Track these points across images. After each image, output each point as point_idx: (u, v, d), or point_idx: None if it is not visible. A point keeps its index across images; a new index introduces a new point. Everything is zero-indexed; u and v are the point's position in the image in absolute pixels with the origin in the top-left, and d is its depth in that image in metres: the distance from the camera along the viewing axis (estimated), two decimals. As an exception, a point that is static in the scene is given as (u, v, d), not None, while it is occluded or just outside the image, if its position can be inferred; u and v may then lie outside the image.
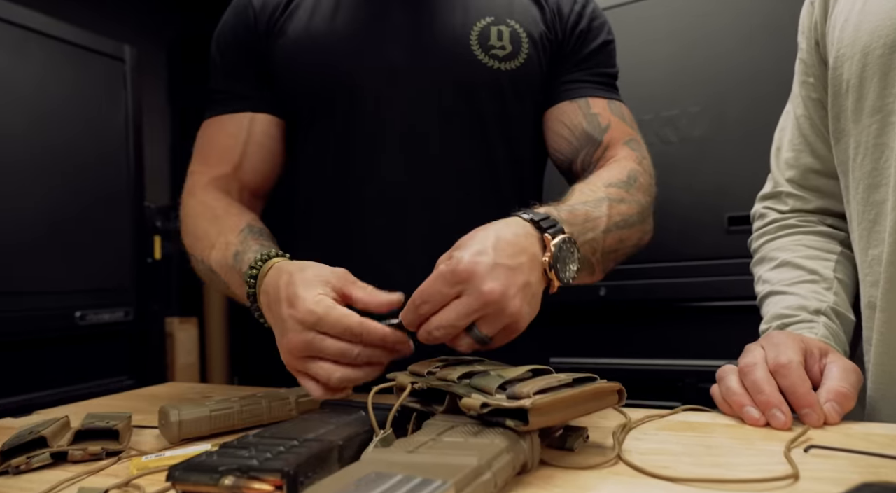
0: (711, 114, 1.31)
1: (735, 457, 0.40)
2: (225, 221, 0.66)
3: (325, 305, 0.48)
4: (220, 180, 0.73)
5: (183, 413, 0.50)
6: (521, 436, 0.39)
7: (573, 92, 0.74)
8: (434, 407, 0.45)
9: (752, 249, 0.72)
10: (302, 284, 0.50)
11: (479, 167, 0.72)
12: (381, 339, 0.49)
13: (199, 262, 0.67)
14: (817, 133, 0.64)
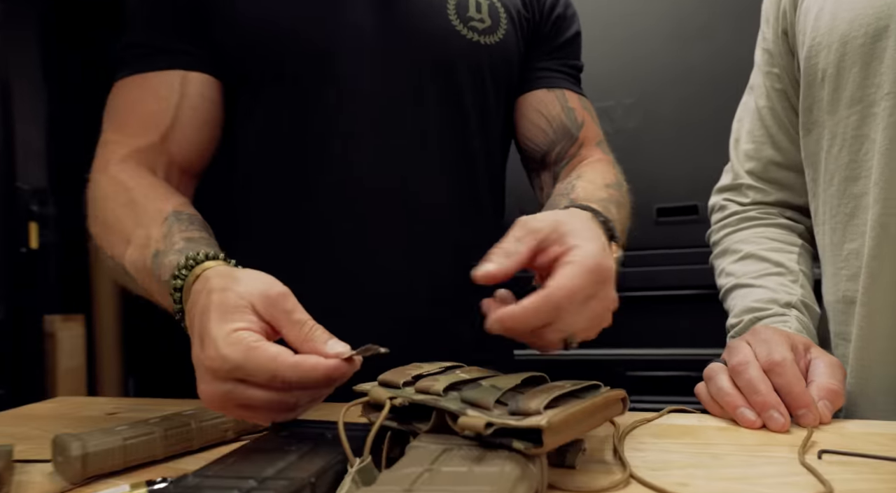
0: (645, 107, 1.33)
1: (747, 468, 0.37)
2: (145, 207, 0.52)
3: (242, 347, 0.36)
4: (143, 153, 0.59)
5: (88, 444, 0.40)
6: (529, 459, 0.33)
7: (551, 81, 0.71)
8: (416, 426, 0.38)
9: (711, 241, 0.71)
10: (217, 314, 0.38)
11: (455, 150, 0.66)
12: (325, 378, 0.37)
13: (110, 259, 0.53)
14: (780, 125, 0.64)
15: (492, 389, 0.37)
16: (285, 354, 0.36)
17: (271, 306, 0.38)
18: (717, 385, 0.47)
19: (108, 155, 0.59)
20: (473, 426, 0.33)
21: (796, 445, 0.40)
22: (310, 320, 0.38)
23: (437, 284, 0.65)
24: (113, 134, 0.60)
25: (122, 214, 0.53)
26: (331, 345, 0.37)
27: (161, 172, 0.60)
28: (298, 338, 0.38)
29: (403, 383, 0.40)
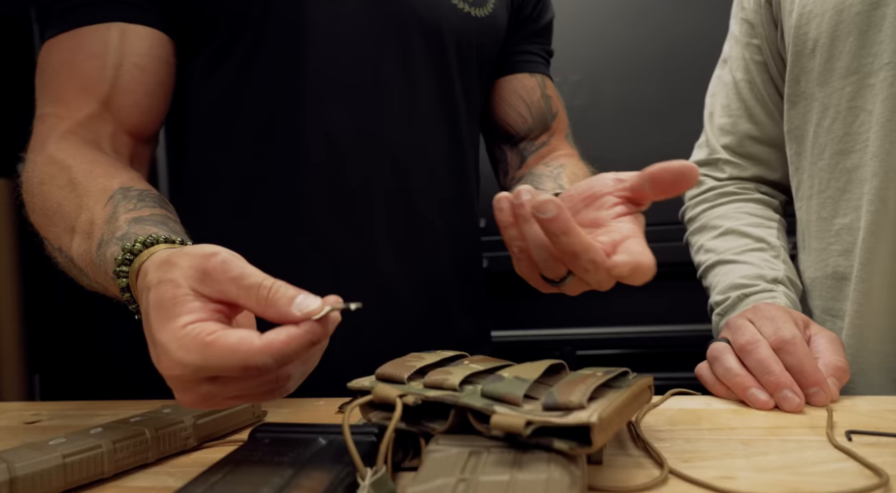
0: (592, 84, 1.31)
1: (783, 455, 0.35)
2: (87, 188, 0.44)
3: (197, 346, 0.29)
4: (84, 126, 0.50)
5: (16, 466, 0.32)
6: (571, 461, 0.29)
7: (532, 65, 0.69)
8: (428, 426, 0.33)
9: (686, 217, 0.69)
10: (157, 314, 0.31)
11: (442, 120, 0.61)
12: (304, 348, 0.30)
13: (56, 251, 0.45)
14: (758, 98, 0.63)
15: (517, 381, 0.32)
16: (248, 339, 0.29)
17: (214, 282, 0.31)
18: (725, 366, 0.45)
19: (46, 132, 0.50)
20: (511, 425, 0.29)
21: (815, 426, 0.39)
22: (266, 280, 0.31)
23: (426, 261, 0.62)
24: (49, 106, 0.51)
25: (62, 198, 0.44)
26: (298, 304, 0.30)
27: (107, 144, 0.51)
28: (259, 306, 0.30)
29: (408, 378, 0.35)
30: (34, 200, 0.47)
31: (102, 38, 0.51)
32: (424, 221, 0.60)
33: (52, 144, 0.49)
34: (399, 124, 0.58)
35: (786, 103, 0.58)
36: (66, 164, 0.46)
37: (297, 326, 0.30)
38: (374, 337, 0.58)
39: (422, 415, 0.33)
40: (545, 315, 1.31)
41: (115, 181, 0.44)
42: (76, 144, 0.49)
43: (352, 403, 0.33)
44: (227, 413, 0.43)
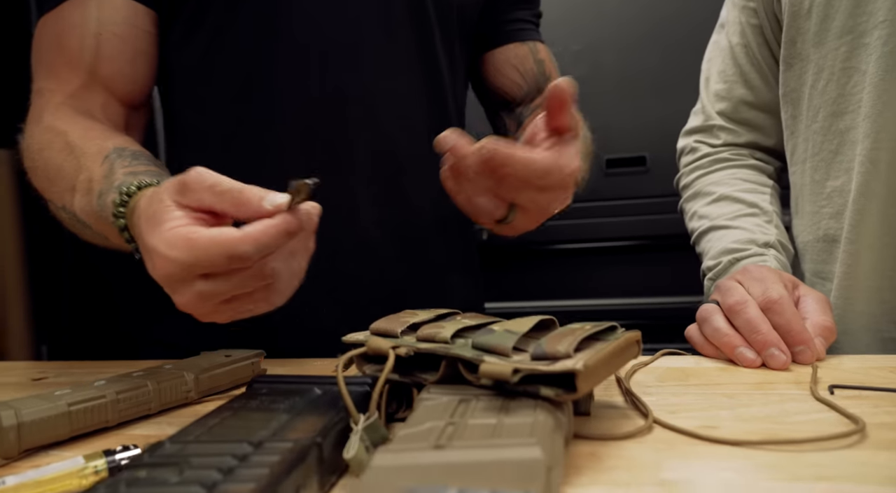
0: (592, 54, 1.30)
1: (767, 406, 0.36)
2: (83, 150, 0.46)
3: (181, 242, 0.32)
4: (77, 96, 0.53)
5: (23, 412, 0.33)
6: (557, 407, 0.30)
7: (523, 33, 0.69)
8: (420, 377, 0.34)
9: (681, 184, 0.70)
10: (148, 227, 0.34)
11: (425, 85, 0.62)
12: (283, 235, 0.32)
13: (60, 210, 0.48)
14: (753, 62, 0.62)
15: (507, 334, 0.33)
16: (228, 231, 0.32)
17: (192, 191, 0.33)
18: (713, 326, 0.45)
19: (42, 104, 0.53)
20: (498, 373, 0.30)
21: (800, 382, 0.40)
22: (236, 184, 0.33)
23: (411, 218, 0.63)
24: (43, 80, 0.54)
25: (61, 161, 0.47)
26: (269, 200, 0.33)
27: (100, 113, 0.53)
28: (233, 207, 0.33)
29: (401, 332, 0.36)
30: (36, 166, 0.50)
31: (82, 12, 0.53)
32: (406, 180, 0.61)
33: (49, 114, 0.51)
34: (379, 84, 0.58)
35: (781, 66, 0.57)
36: (63, 130, 0.49)
37: (272, 217, 0.32)
38: (361, 294, 0.59)
39: (414, 367, 0.35)
40: (540, 287, 1.32)
41: (109, 143, 0.46)
42: (71, 113, 0.51)
43: (348, 354, 0.34)
44: (228, 369, 0.44)
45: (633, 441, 0.32)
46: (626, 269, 1.28)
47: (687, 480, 0.27)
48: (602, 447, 0.31)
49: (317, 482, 0.26)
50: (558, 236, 1.30)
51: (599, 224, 1.28)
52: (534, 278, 1.33)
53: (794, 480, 0.26)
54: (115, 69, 0.54)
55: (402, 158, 0.60)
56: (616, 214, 1.28)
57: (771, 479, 0.26)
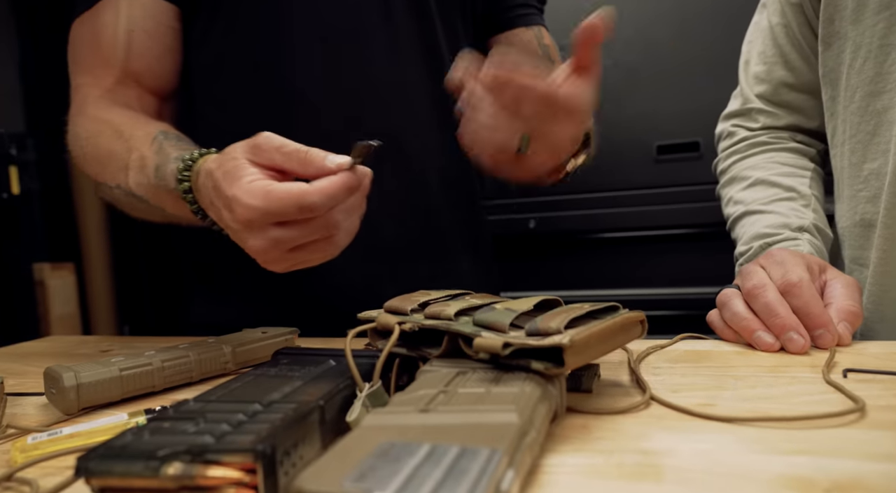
0: (644, 39, 1.27)
1: (771, 388, 0.36)
2: (132, 133, 0.51)
3: (260, 193, 0.37)
4: (114, 91, 0.58)
5: (82, 375, 0.38)
6: (548, 381, 0.31)
7: (528, 18, 0.71)
8: (426, 351, 0.36)
9: (718, 170, 0.68)
10: (227, 181, 0.39)
11: (426, 71, 0.64)
12: (345, 188, 0.38)
13: (112, 189, 0.53)
14: (793, 43, 0.60)
15: (506, 311, 0.35)
16: (300, 184, 0.37)
17: (263, 151, 0.39)
18: (732, 310, 0.45)
19: (82, 99, 0.58)
20: (490, 346, 0.31)
21: (818, 366, 0.39)
22: (302, 146, 0.39)
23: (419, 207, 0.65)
24: (81, 77, 0.59)
25: (112, 145, 0.52)
26: (330, 160, 0.38)
27: (136, 105, 0.59)
28: (300, 166, 0.38)
29: (411, 310, 0.38)
30: (86, 153, 0.55)
31: (111, 11, 0.58)
32: (412, 159, 0.63)
33: (91, 106, 0.57)
34: (381, 67, 0.61)
35: (820, 46, 0.55)
36: (108, 119, 0.54)
37: (336, 175, 0.37)
38: (367, 269, 0.62)
39: (421, 342, 0.37)
40: (589, 277, 1.30)
41: (153, 127, 0.52)
42: (110, 104, 0.57)
43: (358, 329, 0.37)
44: (263, 344, 0.48)
45: (627, 416, 0.33)
46: (677, 258, 1.25)
47: (666, 449, 0.28)
48: (595, 420, 0.32)
49: (319, 440, 0.29)
50: (607, 225, 1.29)
51: (650, 212, 1.26)
52: (582, 267, 1.32)
53: (772, 453, 0.27)
54: (144, 65, 0.59)
55: (407, 143, 0.63)
56: (667, 201, 1.25)
57: (748, 451, 0.27)
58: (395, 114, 0.62)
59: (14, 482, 0.28)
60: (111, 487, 0.25)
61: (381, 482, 0.21)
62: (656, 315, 1.33)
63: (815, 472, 0.25)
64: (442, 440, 0.24)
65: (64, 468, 0.30)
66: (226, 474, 0.24)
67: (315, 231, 0.38)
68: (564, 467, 0.27)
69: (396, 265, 0.64)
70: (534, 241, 1.33)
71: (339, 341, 0.56)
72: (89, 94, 0.58)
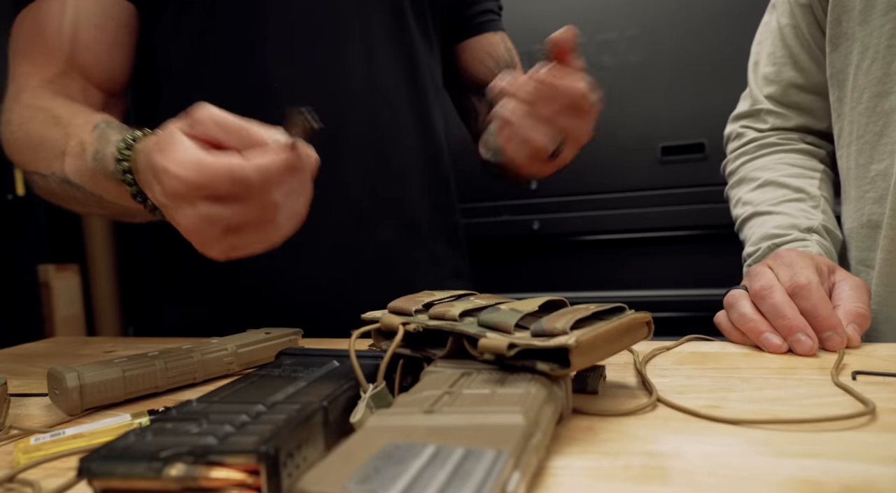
0: (649, 40, 1.26)
1: (780, 390, 0.35)
2: (70, 120, 0.49)
3: (191, 163, 0.34)
4: (56, 82, 0.56)
5: (85, 375, 0.38)
6: (553, 381, 0.31)
7: (492, 24, 0.74)
8: (430, 352, 0.36)
9: (727, 171, 0.68)
10: (157, 150, 0.36)
11: (400, 67, 0.66)
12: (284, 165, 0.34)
13: (44, 178, 0.50)
14: (803, 43, 0.60)
15: (511, 312, 0.35)
16: (233, 156, 0.34)
17: (200, 124, 0.36)
18: (740, 311, 0.45)
19: (19, 87, 0.56)
20: (495, 347, 0.31)
21: (826, 368, 0.39)
22: (243, 121, 0.36)
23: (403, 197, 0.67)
24: (21, 66, 0.57)
25: (47, 131, 0.50)
26: (272, 139, 0.35)
27: (80, 98, 0.56)
28: (239, 142, 0.35)
29: (415, 311, 0.38)
30: (16, 138, 0.52)
31: (60, 2, 0.56)
32: (390, 156, 0.64)
33: (27, 94, 0.54)
34: (356, 61, 0.62)
35: (828, 47, 0.55)
36: (45, 105, 0.52)
37: (275, 151, 0.34)
38: (358, 264, 0.63)
39: (425, 343, 0.37)
40: (593, 278, 1.30)
41: (96, 116, 0.49)
42: (50, 94, 0.54)
43: (361, 330, 0.36)
44: (266, 345, 0.48)
45: (633, 418, 0.32)
46: (682, 259, 1.25)
47: (673, 451, 0.27)
48: (601, 422, 0.32)
49: (322, 441, 0.29)
50: (612, 226, 1.28)
51: (655, 213, 1.25)
52: (586, 268, 1.31)
53: (780, 455, 0.26)
54: (92, 58, 0.57)
55: (383, 130, 0.64)
56: (672, 203, 1.25)
57: (756, 454, 0.27)
58: (373, 112, 0.63)
59: (16, 484, 0.28)
60: (113, 488, 0.25)
61: (386, 484, 0.21)
62: (661, 317, 1.33)
63: (825, 475, 0.24)
64: (447, 442, 0.24)
65: (67, 469, 0.29)
66: (229, 475, 0.24)
67: (250, 210, 0.35)
68: (570, 469, 0.26)
69: (382, 260, 0.65)
70: (538, 242, 1.32)
71: (343, 342, 0.56)
72: (27, 82, 0.56)
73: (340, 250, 0.63)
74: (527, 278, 1.35)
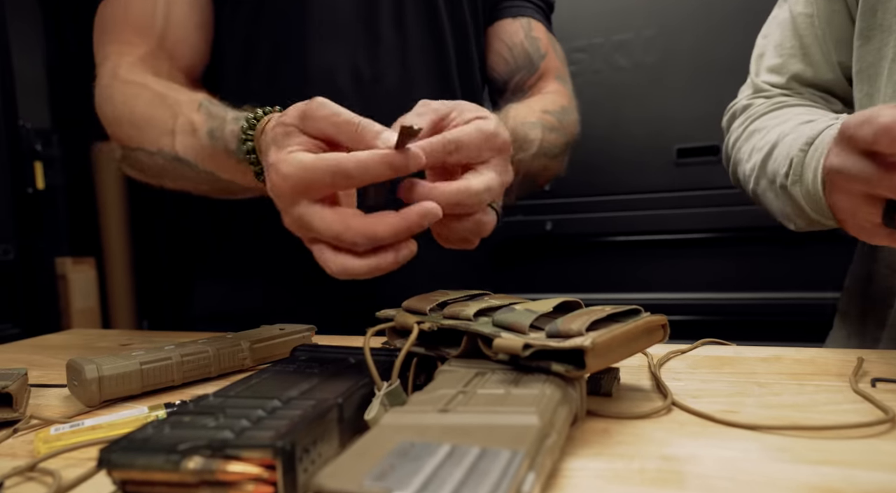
0: (666, 40, 1.25)
1: (798, 396, 0.35)
2: (175, 99, 0.50)
3: (297, 163, 0.35)
4: (146, 61, 0.56)
5: (103, 368, 0.38)
6: (568, 383, 0.31)
7: (515, 10, 0.70)
8: (444, 351, 0.36)
9: (730, 143, 0.65)
10: (273, 145, 0.37)
11: (433, 70, 0.65)
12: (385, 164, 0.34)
13: (150, 155, 0.51)
14: (816, 35, 0.57)
15: (526, 312, 0.35)
16: (336, 153, 0.35)
17: (313, 119, 0.36)
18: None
19: (112, 66, 0.56)
20: (510, 347, 0.31)
21: (845, 374, 0.38)
22: (355, 118, 0.36)
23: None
24: (109, 47, 0.58)
25: (152, 110, 0.51)
26: (382, 138, 0.35)
27: (167, 78, 0.57)
28: (349, 138, 0.36)
29: (430, 310, 0.38)
30: (120, 117, 0.53)
31: None
32: None
33: (123, 71, 0.55)
34: (391, 64, 0.61)
35: (857, 41, 0.53)
36: (145, 83, 0.53)
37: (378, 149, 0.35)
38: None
39: (440, 342, 0.37)
40: (606, 280, 1.29)
41: (196, 95, 0.50)
42: (144, 70, 0.55)
43: (376, 328, 0.37)
44: (280, 340, 0.48)
45: (648, 421, 0.32)
46: (695, 262, 1.24)
47: (689, 456, 0.27)
48: (616, 424, 0.32)
49: (337, 437, 0.29)
50: (626, 228, 1.28)
51: (670, 216, 1.24)
52: (599, 270, 1.31)
53: (798, 462, 0.26)
54: (182, 35, 0.58)
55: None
56: (687, 205, 1.23)
57: (774, 460, 0.26)
58: (401, 110, 0.63)
59: (37, 473, 0.29)
60: (132, 480, 0.25)
61: (402, 482, 0.21)
62: (676, 320, 1.32)
63: (844, 483, 0.24)
64: (462, 441, 0.24)
65: (86, 459, 0.30)
66: (245, 469, 0.24)
67: (345, 220, 0.35)
68: (585, 471, 0.26)
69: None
70: (551, 243, 1.32)
71: (357, 340, 0.56)
72: (121, 60, 0.56)
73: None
74: (541, 278, 1.34)
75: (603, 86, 1.28)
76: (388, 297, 0.44)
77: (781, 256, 1.17)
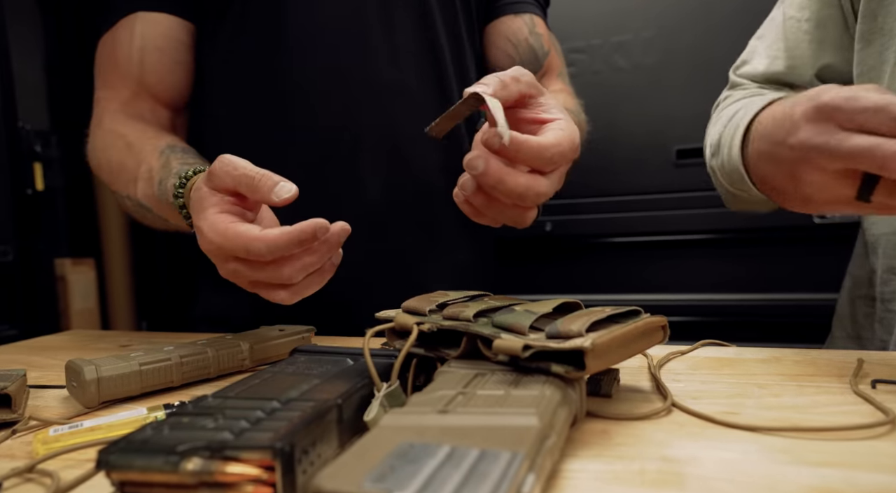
0: (665, 41, 1.25)
1: (798, 397, 0.35)
2: (141, 147, 0.55)
3: (219, 230, 0.39)
4: (129, 104, 0.61)
5: (102, 369, 0.38)
6: (568, 384, 0.31)
7: (517, 6, 0.70)
8: (444, 352, 0.36)
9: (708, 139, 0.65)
10: (196, 210, 0.42)
11: (426, 67, 0.65)
12: (294, 243, 0.37)
13: (125, 199, 0.57)
14: (802, 39, 0.57)
15: (526, 313, 0.35)
16: (250, 229, 0.38)
17: (216, 176, 0.40)
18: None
19: (101, 111, 0.62)
20: (509, 348, 0.31)
21: (845, 376, 0.38)
22: (253, 170, 0.39)
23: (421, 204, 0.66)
24: (101, 91, 0.63)
25: (123, 157, 0.56)
26: (277, 191, 0.38)
27: (150, 116, 0.62)
28: (248, 191, 0.39)
29: (429, 311, 0.38)
30: (101, 164, 0.59)
31: (129, 29, 0.61)
32: (410, 158, 0.64)
33: (107, 119, 0.60)
34: (380, 64, 0.61)
35: (857, 44, 0.53)
36: (121, 132, 0.58)
37: (292, 227, 0.37)
38: (374, 267, 0.63)
39: (439, 343, 0.37)
40: (606, 281, 1.29)
41: (162, 142, 0.54)
42: (125, 118, 0.60)
43: (375, 329, 0.36)
44: (280, 342, 0.48)
45: (647, 422, 0.32)
46: (695, 263, 1.24)
47: (690, 457, 0.27)
48: (616, 425, 0.32)
49: (336, 438, 0.29)
50: (626, 229, 1.27)
51: (669, 217, 1.24)
52: (598, 271, 1.31)
53: (799, 464, 0.26)
54: (157, 78, 0.62)
55: (406, 141, 0.63)
56: (687, 206, 1.23)
57: (774, 462, 0.26)
58: (394, 112, 0.63)
59: (36, 474, 0.29)
60: (131, 481, 0.25)
61: (401, 483, 0.21)
62: (676, 321, 1.32)
63: (844, 485, 0.24)
64: (461, 442, 0.24)
65: (84, 460, 0.30)
66: (244, 470, 0.24)
67: (264, 276, 0.39)
68: (585, 472, 0.26)
69: (398, 264, 0.64)
70: (550, 244, 1.32)
71: (357, 341, 0.56)
72: (107, 108, 0.62)
73: (357, 249, 0.63)
74: (541, 279, 1.34)
75: (602, 87, 1.28)
76: (387, 298, 0.45)
77: (781, 257, 1.17)
